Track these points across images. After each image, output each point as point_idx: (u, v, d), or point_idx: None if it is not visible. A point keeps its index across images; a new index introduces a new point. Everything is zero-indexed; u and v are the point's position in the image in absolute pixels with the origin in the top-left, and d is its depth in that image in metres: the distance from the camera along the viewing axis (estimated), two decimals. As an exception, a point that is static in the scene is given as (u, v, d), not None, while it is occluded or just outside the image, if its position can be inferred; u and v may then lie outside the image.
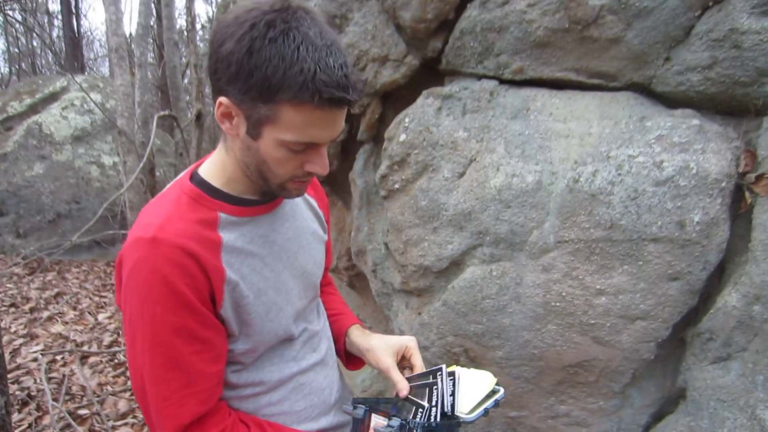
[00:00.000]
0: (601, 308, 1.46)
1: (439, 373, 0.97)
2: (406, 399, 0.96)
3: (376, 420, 0.92)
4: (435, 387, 0.95)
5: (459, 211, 1.62)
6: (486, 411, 0.93)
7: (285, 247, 0.96)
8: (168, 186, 0.92)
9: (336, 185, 2.32)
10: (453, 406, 0.93)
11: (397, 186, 1.77)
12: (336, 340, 1.15)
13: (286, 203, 0.98)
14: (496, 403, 0.96)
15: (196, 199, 0.86)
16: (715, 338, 1.41)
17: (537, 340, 1.56)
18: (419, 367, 1.00)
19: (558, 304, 1.50)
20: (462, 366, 1.00)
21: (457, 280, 1.66)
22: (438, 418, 0.90)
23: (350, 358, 1.16)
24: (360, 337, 1.09)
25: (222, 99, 0.78)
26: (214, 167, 0.90)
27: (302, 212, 1.03)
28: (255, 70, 0.72)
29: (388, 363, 0.99)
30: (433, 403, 0.92)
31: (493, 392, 0.98)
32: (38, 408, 2.84)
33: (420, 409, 0.92)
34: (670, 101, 1.54)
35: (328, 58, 0.72)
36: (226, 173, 0.89)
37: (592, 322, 1.48)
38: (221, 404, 0.89)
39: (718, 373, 1.41)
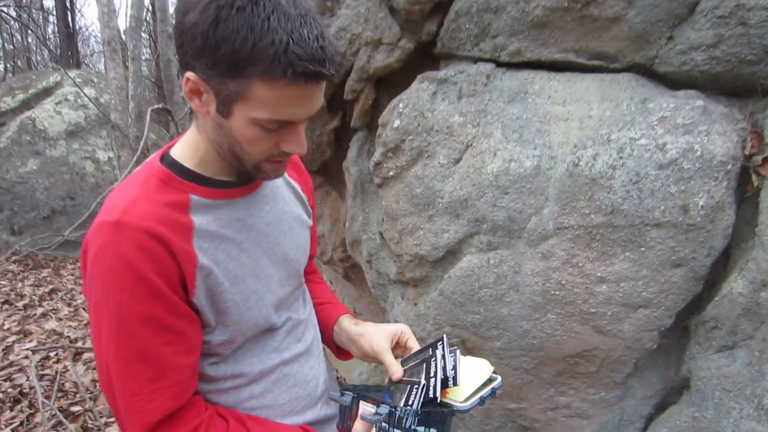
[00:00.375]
0: (602, 296, 1.41)
1: (440, 343, 0.91)
2: (401, 382, 0.91)
3: (364, 408, 0.87)
4: (433, 359, 0.89)
5: (455, 198, 1.57)
6: (482, 400, 0.87)
7: (264, 231, 0.90)
8: (137, 168, 0.87)
9: (330, 175, 2.27)
10: (455, 378, 0.87)
11: (391, 173, 1.72)
12: (323, 330, 1.10)
13: (266, 185, 0.93)
14: (493, 392, 0.91)
15: (165, 181, 0.81)
16: (720, 326, 1.36)
17: (536, 330, 1.51)
18: (415, 350, 0.95)
19: (557, 292, 1.46)
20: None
21: (453, 269, 1.61)
22: (438, 390, 0.84)
23: (341, 347, 1.11)
24: (351, 325, 1.04)
25: (189, 74, 0.72)
26: (186, 147, 0.85)
27: (284, 195, 0.98)
28: (222, 43, 0.66)
29: (383, 346, 0.94)
30: (431, 374, 0.86)
31: (490, 380, 0.93)
32: (30, 405, 2.79)
33: (415, 387, 0.85)
34: (673, 82, 1.49)
35: (303, 29, 0.66)
36: (198, 153, 0.83)
37: (593, 310, 1.43)
38: (197, 399, 0.84)
39: (723, 362, 1.36)
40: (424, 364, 0.90)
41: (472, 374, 0.92)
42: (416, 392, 0.85)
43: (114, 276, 0.72)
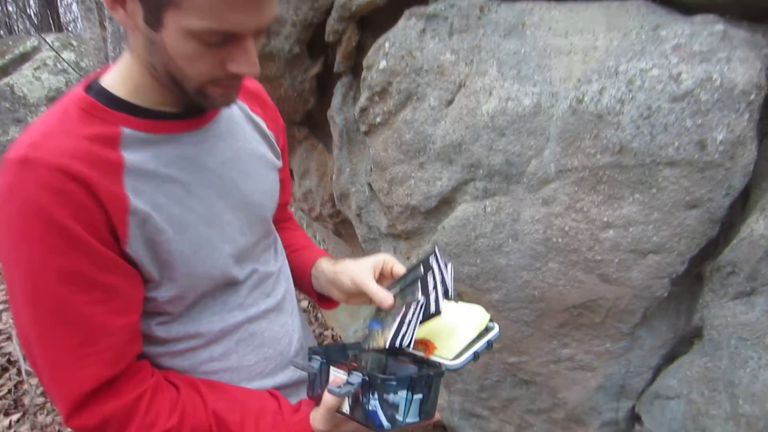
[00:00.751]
0: (608, 243, 1.31)
1: (432, 256, 0.79)
2: (393, 308, 0.79)
3: (335, 375, 0.76)
4: (429, 273, 0.77)
5: (448, 142, 1.44)
6: (476, 355, 0.76)
7: (218, 172, 0.77)
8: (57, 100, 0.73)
9: (315, 126, 2.13)
10: (448, 294, 0.75)
11: (378, 119, 1.58)
12: (301, 277, 0.99)
13: (220, 120, 0.79)
14: (489, 345, 0.78)
15: (89, 111, 0.67)
16: (738, 271, 1.26)
17: (537, 281, 1.41)
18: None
19: (560, 240, 1.35)
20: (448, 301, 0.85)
21: (447, 219, 1.50)
22: (439, 304, 0.72)
23: (323, 294, 1.00)
24: (329, 266, 0.93)
25: None
26: (118, 74, 0.71)
27: (244, 132, 0.84)
28: None
29: (364, 277, 0.83)
30: (430, 289, 0.75)
31: (486, 330, 0.81)
32: (18, 373, 2.74)
33: (412, 306, 0.74)
34: (687, 7, 1.34)
35: None
36: (132, 80, 0.69)
37: (599, 258, 1.33)
38: (141, 364, 0.73)
39: (740, 310, 1.27)
40: (418, 282, 0.78)
41: (466, 324, 0.82)
42: (414, 312, 0.73)
43: (23, 225, 0.60)
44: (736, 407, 1.24)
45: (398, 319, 0.75)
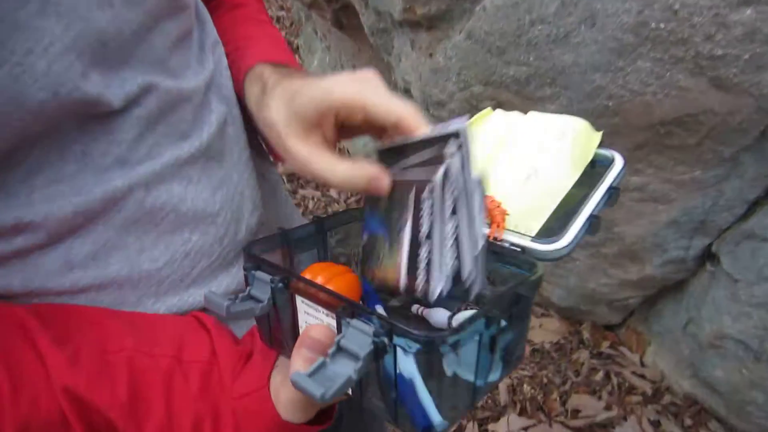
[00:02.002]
0: (739, 29, 0.85)
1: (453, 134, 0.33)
2: (395, 188, 0.37)
3: (308, 319, 0.36)
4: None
5: None
6: (593, 221, 0.39)
7: None
8: None
9: None
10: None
11: None
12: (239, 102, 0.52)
13: None
14: (613, 193, 0.41)
15: None
16: None
17: (615, 86, 0.99)
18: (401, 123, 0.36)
19: (662, 25, 0.89)
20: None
21: (490, -5, 1.03)
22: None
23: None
24: (255, 100, 0.45)
25: None
26: None
27: None
28: None
29: (302, 152, 0.37)
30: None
31: (594, 165, 0.43)
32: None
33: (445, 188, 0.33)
34: None
35: None
36: None
37: (719, 53, 0.89)
38: None
39: None
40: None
41: (558, 157, 0.43)
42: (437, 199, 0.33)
43: None
44: None
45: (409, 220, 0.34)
